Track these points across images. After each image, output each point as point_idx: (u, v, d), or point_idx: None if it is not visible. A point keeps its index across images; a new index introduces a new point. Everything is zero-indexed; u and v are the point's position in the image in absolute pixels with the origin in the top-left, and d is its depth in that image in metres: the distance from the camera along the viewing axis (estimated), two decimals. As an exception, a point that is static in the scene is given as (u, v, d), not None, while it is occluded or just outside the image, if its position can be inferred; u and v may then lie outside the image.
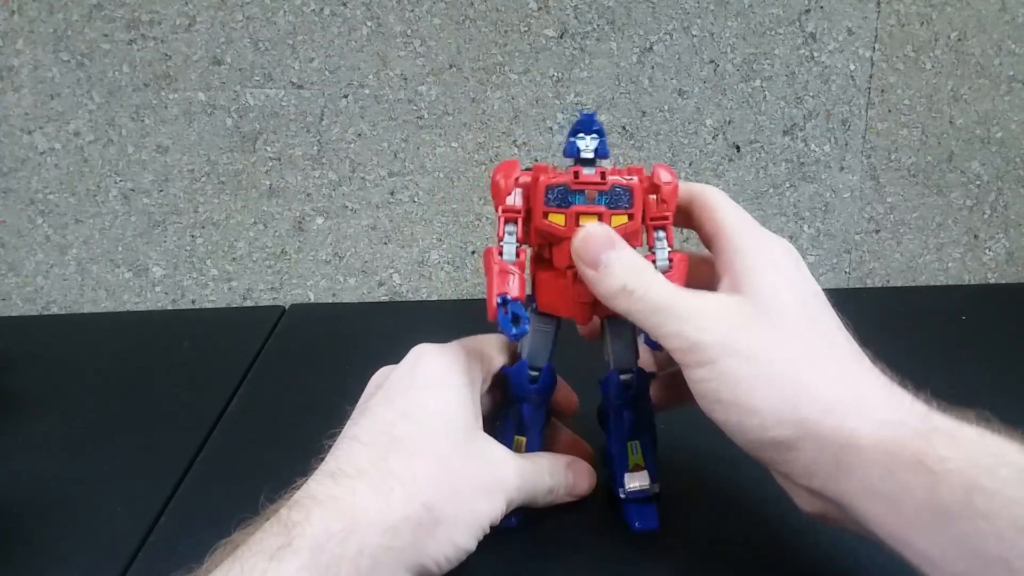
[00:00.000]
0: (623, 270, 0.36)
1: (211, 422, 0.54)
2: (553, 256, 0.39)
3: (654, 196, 0.39)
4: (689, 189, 0.41)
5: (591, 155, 0.38)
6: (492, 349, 0.42)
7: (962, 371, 0.59)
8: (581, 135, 0.38)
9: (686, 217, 0.42)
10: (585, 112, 0.38)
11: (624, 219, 0.38)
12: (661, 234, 0.40)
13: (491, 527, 0.37)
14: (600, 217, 0.38)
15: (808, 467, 0.33)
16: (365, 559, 0.32)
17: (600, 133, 0.38)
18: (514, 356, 0.43)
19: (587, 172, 0.38)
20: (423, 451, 0.36)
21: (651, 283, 0.36)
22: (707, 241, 0.41)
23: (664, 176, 0.39)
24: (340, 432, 0.38)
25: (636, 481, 0.42)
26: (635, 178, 0.38)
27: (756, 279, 0.36)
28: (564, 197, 0.38)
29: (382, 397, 0.38)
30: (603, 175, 0.38)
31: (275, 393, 0.58)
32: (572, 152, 0.38)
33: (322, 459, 0.36)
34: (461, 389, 0.38)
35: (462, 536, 0.35)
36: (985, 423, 0.31)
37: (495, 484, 0.37)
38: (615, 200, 0.38)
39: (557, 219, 0.38)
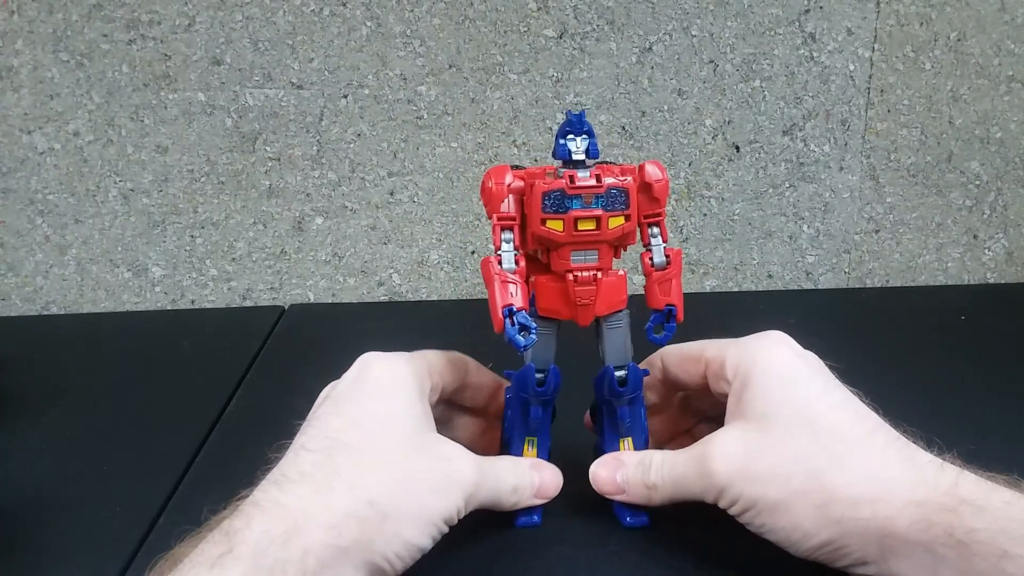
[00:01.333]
0: (638, 480, 0.40)
1: (210, 422, 0.54)
2: (551, 261, 0.39)
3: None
4: (650, 363, 0.44)
5: (582, 156, 0.38)
6: (444, 365, 0.41)
7: (961, 371, 0.59)
8: (571, 136, 0.38)
9: (661, 386, 0.44)
10: (574, 112, 0.38)
11: (621, 220, 0.38)
12: (656, 230, 0.40)
13: (448, 524, 0.36)
14: (598, 220, 0.38)
15: (859, 558, 0.34)
16: (311, 560, 0.31)
17: (590, 133, 0.38)
18: (459, 374, 0.42)
19: (581, 175, 0.37)
20: (368, 452, 0.35)
21: (661, 467, 0.40)
22: (698, 384, 0.42)
23: (654, 173, 0.39)
24: (289, 444, 0.37)
25: None
26: (629, 178, 0.38)
27: (755, 401, 0.38)
28: (561, 202, 0.37)
29: (329, 406, 0.38)
30: (598, 178, 0.37)
31: (274, 393, 0.58)
32: (563, 154, 0.38)
33: (269, 470, 0.36)
34: (409, 394, 0.38)
35: (411, 532, 0.34)
36: (1015, 486, 0.33)
37: (448, 480, 0.36)
38: (611, 202, 0.38)
39: (555, 225, 0.38)
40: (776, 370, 0.38)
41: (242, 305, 0.74)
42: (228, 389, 0.58)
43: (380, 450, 0.36)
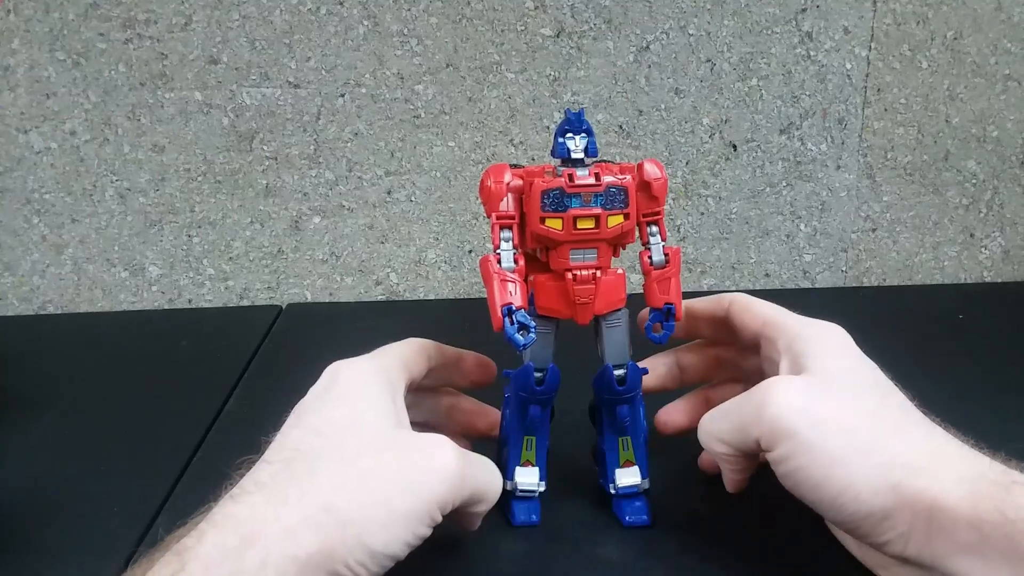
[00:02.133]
0: (713, 433, 0.40)
1: (208, 422, 0.54)
2: (550, 259, 0.39)
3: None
4: (720, 298, 0.44)
5: (581, 155, 0.38)
6: (412, 355, 0.41)
7: (958, 370, 0.59)
8: (570, 135, 0.38)
9: (722, 325, 0.44)
10: (572, 111, 0.38)
11: (620, 218, 0.38)
12: (654, 228, 0.40)
13: (427, 525, 0.33)
14: (597, 219, 0.38)
15: (904, 533, 0.33)
16: (269, 571, 0.29)
17: (589, 132, 0.38)
18: (424, 358, 0.42)
19: (580, 174, 0.38)
20: (327, 457, 0.34)
21: (716, 410, 0.40)
22: (750, 338, 0.43)
23: (653, 171, 0.39)
24: (254, 460, 0.36)
25: (627, 478, 0.42)
26: (628, 177, 0.38)
27: (821, 360, 0.38)
28: (560, 201, 0.38)
29: (293, 418, 0.37)
30: (597, 176, 0.38)
31: (272, 393, 0.58)
32: (562, 153, 0.38)
33: (232, 487, 0.34)
34: (376, 394, 0.37)
35: (376, 537, 0.32)
36: None
37: (423, 473, 0.34)
38: (611, 200, 0.38)
39: (554, 224, 0.38)
40: (841, 347, 0.39)
41: (239, 304, 0.73)
42: (226, 389, 0.58)
43: (340, 454, 0.34)
